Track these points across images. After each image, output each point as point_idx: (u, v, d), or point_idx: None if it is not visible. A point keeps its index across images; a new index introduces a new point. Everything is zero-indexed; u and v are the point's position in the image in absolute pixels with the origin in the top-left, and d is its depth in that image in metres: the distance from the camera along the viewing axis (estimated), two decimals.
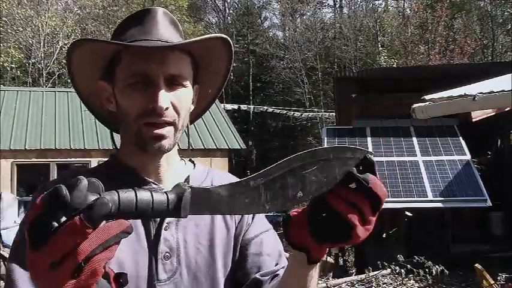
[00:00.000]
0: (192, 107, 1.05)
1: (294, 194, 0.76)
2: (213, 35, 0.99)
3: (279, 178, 0.75)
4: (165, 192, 0.67)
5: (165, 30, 0.99)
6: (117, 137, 1.14)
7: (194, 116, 1.12)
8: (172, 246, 0.97)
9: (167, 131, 0.95)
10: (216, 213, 0.74)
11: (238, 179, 0.77)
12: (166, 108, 0.93)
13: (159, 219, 0.98)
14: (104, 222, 0.60)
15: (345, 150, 0.79)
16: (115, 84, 0.97)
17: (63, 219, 0.58)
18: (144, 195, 0.64)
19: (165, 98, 0.92)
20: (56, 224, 0.57)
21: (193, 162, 1.12)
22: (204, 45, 0.98)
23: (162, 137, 0.94)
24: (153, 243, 0.95)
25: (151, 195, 0.64)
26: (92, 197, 0.59)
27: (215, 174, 1.12)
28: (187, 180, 1.04)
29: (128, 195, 0.63)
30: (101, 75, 1.00)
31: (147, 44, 0.94)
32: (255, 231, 1.06)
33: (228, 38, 1.01)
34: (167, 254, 0.96)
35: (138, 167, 1.00)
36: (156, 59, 0.93)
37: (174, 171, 1.04)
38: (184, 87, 0.97)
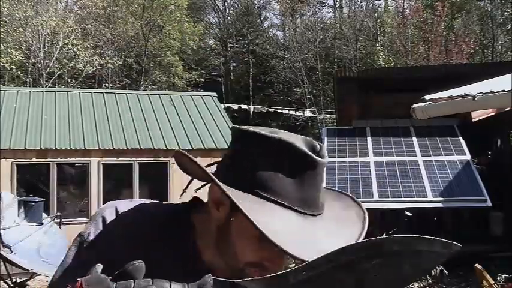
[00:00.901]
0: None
1: None
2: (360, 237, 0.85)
3: (325, 273, 0.60)
4: (186, 284, 0.63)
5: (318, 196, 0.87)
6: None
7: None
8: None
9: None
10: None
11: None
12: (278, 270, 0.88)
13: None
14: None
15: (419, 241, 0.60)
16: (237, 210, 0.82)
17: None
18: (162, 284, 0.62)
19: (283, 263, 0.86)
20: None
21: None
22: None
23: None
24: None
25: (170, 286, 0.62)
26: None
27: None
28: None
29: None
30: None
31: (297, 252, 0.76)
32: None
33: None
34: None
35: (209, 261, 0.94)
36: None
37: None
38: None
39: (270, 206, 0.82)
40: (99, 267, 0.63)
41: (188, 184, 0.99)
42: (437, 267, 6.13)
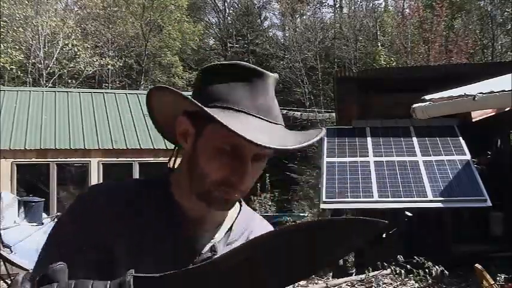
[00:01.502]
0: None
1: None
2: (319, 136, 0.96)
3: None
4: (108, 283, 0.66)
5: (273, 107, 0.98)
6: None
7: None
8: None
9: (237, 196, 0.98)
10: None
11: (276, 230, 0.76)
12: (246, 187, 0.97)
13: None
14: None
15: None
16: (201, 134, 0.96)
17: None
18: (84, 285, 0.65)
19: (249, 177, 0.95)
20: None
21: (240, 202, 1.10)
22: None
23: (230, 201, 0.98)
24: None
25: (91, 285, 0.64)
26: None
27: (257, 225, 1.11)
28: (228, 232, 1.04)
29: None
30: (184, 112, 0.98)
31: (255, 130, 0.88)
32: None
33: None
34: None
35: (187, 207, 1.02)
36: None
37: (219, 213, 1.04)
38: (263, 162, 0.99)
39: (230, 112, 0.92)
40: (27, 282, 0.64)
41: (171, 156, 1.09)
42: (437, 268, 6.13)
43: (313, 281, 7.23)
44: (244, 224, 1.08)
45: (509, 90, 4.63)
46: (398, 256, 6.28)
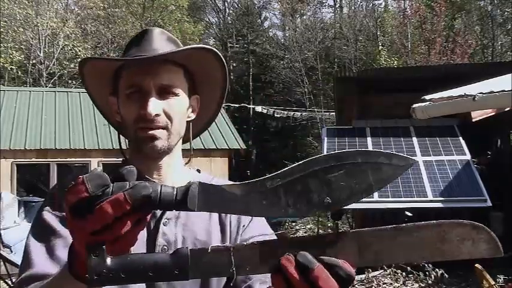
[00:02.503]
0: (192, 115, 1.16)
1: (320, 200, 0.70)
2: (194, 46, 1.07)
3: (298, 180, 0.69)
4: (175, 187, 0.70)
5: (160, 46, 1.09)
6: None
7: (201, 126, 1.24)
8: (170, 240, 1.05)
9: (159, 132, 1.05)
10: (229, 212, 0.74)
11: None
12: (157, 115, 1.03)
13: (158, 214, 1.06)
14: None
15: (377, 154, 0.71)
16: (118, 96, 1.09)
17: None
18: (154, 186, 0.68)
19: (155, 105, 1.03)
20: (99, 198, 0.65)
21: (199, 170, 1.21)
22: (191, 56, 1.07)
23: (154, 138, 1.04)
24: (151, 236, 1.04)
25: (160, 188, 0.68)
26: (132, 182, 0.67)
27: (219, 182, 1.17)
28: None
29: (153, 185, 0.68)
30: (110, 91, 1.12)
31: (137, 57, 1.05)
32: (251, 233, 1.10)
33: (213, 48, 1.10)
34: (165, 246, 1.04)
35: (142, 170, 1.07)
36: (149, 72, 1.04)
37: (176, 176, 1.12)
38: (177, 95, 1.07)
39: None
40: (99, 168, 0.72)
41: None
42: (437, 270, 6.13)
43: None
44: (208, 181, 1.12)
45: (509, 90, 4.63)
46: None
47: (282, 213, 0.70)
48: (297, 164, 0.70)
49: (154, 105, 1.02)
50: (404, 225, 0.72)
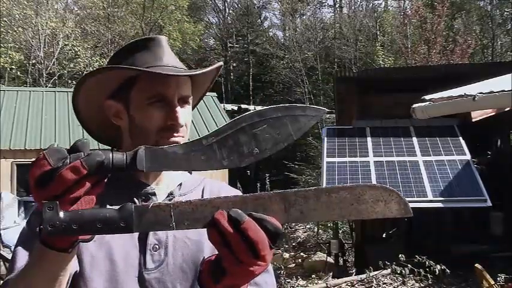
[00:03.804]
0: None
1: (249, 151, 0.80)
2: (218, 64, 1.16)
3: (230, 136, 0.80)
4: (125, 152, 0.78)
5: (170, 57, 1.14)
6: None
7: None
8: (161, 239, 1.08)
9: (179, 140, 1.11)
10: (175, 169, 0.81)
11: (235, 189, 0.86)
12: (181, 126, 1.10)
13: None
14: None
15: (293, 108, 0.82)
16: (129, 103, 1.11)
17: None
18: (105, 153, 0.77)
19: (182, 116, 1.09)
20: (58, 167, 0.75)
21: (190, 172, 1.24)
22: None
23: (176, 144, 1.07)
24: (143, 235, 1.07)
25: (112, 154, 0.77)
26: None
27: (208, 182, 1.23)
28: (179, 186, 1.17)
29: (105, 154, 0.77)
30: (108, 96, 1.13)
31: (168, 71, 1.08)
32: None
33: (221, 64, 1.21)
34: (156, 245, 1.07)
35: (139, 175, 1.13)
36: (172, 83, 1.09)
37: (171, 178, 1.17)
38: (189, 105, 1.15)
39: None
40: (56, 143, 0.77)
41: None
42: (439, 266, 6.12)
43: (313, 281, 7.23)
44: (198, 180, 1.22)
45: (509, 90, 4.63)
46: (400, 256, 6.27)
47: (219, 165, 0.80)
48: (226, 122, 0.81)
49: (182, 116, 1.09)
50: (325, 186, 0.82)
